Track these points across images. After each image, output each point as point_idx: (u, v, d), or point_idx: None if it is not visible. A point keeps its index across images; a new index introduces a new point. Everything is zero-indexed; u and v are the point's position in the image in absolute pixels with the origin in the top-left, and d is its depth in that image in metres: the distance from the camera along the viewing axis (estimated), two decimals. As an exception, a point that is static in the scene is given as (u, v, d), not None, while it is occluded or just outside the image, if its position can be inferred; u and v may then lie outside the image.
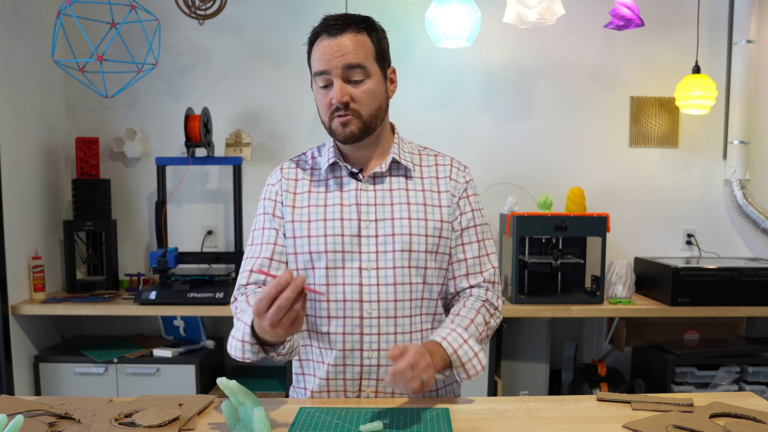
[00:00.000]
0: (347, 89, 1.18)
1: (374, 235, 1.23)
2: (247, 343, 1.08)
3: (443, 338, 1.16)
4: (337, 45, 1.17)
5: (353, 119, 1.20)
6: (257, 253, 1.26)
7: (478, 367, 1.18)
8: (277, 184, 1.30)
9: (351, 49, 1.17)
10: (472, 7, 2.41)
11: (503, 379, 2.61)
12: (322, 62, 1.18)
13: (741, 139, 2.74)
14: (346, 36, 1.18)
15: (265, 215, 1.29)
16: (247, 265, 1.27)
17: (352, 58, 1.17)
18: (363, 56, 1.19)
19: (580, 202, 2.57)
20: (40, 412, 1.09)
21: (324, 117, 1.24)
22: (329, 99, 1.20)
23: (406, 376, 1.03)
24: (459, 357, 1.16)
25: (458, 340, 1.17)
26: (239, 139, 2.76)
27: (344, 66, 1.17)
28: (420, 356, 1.06)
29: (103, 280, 2.69)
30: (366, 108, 1.20)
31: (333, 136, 1.25)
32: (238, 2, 2.75)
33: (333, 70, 1.18)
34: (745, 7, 2.70)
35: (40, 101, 2.59)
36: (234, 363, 2.87)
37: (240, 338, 1.09)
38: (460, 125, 2.83)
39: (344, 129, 1.20)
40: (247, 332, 1.08)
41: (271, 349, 1.11)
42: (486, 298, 1.29)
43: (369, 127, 1.22)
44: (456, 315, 1.23)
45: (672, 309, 2.43)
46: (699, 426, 1.02)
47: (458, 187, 1.30)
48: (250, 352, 1.09)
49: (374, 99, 1.22)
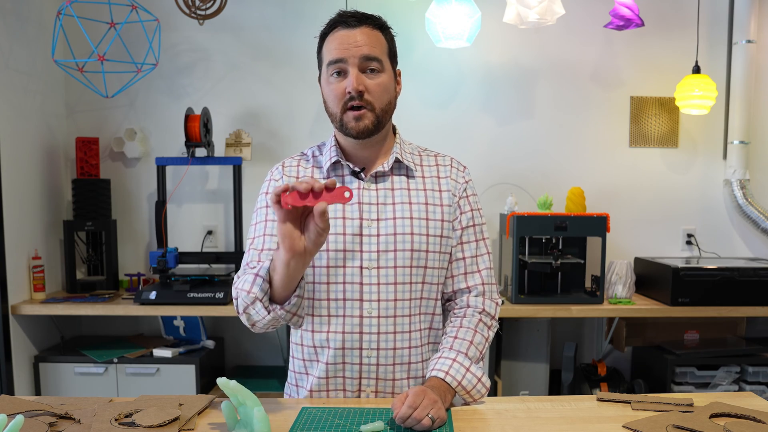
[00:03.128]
0: (363, 79, 1.18)
1: (376, 234, 1.22)
2: (260, 277, 1.07)
3: (446, 373, 1.17)
4: (354, 36, 1.18)
5: (367, 113, 1.19)
6: (260, 244, 1.24)
7: (483, 391, 1.20)
8: (280, 180, 1.30)
9: (368, 41, 1.18)
10: (472, 7, 2.41)
11: (503, 379, 2.61)
12: (338, 51, 1.18)
13: (741, 139, 2.74)
14: (364, 29, 1.19)
15: (268, 208, 1.27)
16: (252, 256, 1.24)
17: (368, 50, 1.18)
18: (379, 50, 1.20)
19: (580, 202, 2.57)
20: (40, 412, 1.09)
21: (335, 109, 1.21)
22: (342, 88, 1.18)
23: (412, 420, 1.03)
24: (464, 387, 1.17)
25: (461, 371, 1.18)
26: (239, 139, 2.76)
27: (361, 56, 1.17)
28: (421, 395, 1.06)
29: (103, 280, 2.69)
30: (379, 101, 1.20)
31: (343, 131, 1.22)
32: (238, 2, 2.75)
33: (350, 59, 1.17)
34: (745, 7, 2.70)
35: (40, 101, 2.59)
36: (234, 363, 2.87)
37: (254, 272, 1.09)
38: (460, 125, 2.83)
39: (357, 123, 1.19)
40: (265, 267, 1.08)
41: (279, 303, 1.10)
42: (482, 308, 1.28)
43: (381, 122, 1.22)
44: (454, 338, 1.23)
45: (672, 309, 2.43)
46: (699, 426, 1.02)
47: (458, 186, 1.31)
48: (259, 287, 1.07)
49: (387, 93, 1.22)
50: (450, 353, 1.20)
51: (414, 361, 1.25)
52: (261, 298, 1.08)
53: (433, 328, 1.29)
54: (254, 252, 1.24)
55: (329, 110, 1.23)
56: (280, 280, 1.06)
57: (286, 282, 1.06)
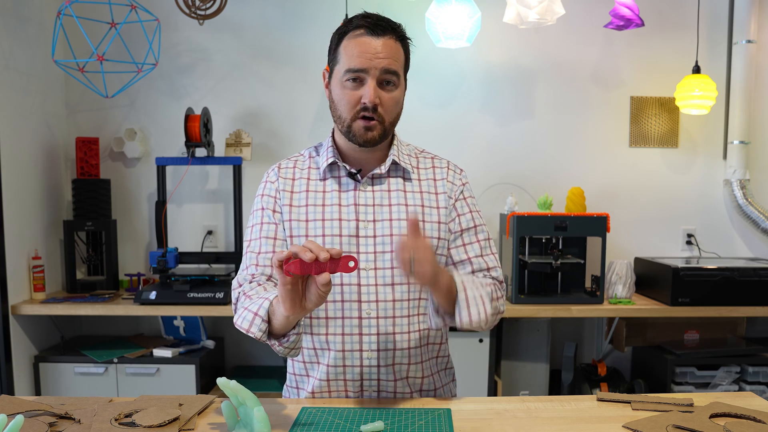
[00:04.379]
0: (379, 92, 1.17)
1: (372, 235, 1.22)
2: (259, 317, 1.07)
3: (458, 274, 1.16)
4: (380, 46, 1.16)
5: (377, 125, 1.19)
6: (258, 247, 1.24)
7: (483, 315, 1.13)
8: (276, 182, 1.29)
9: (390, 54, 1.17)
10: (472, 7, 2.41)
11: (503, 379, 2.61)
12: (360, 60, 1.16)
13: (741, 139, 2.74)
14: (387, 40, 1.17)
15: (264, 210, 1.27)
16: (250, 259, 1.25)
17: (389, 64, 1.17)
18: (398, 64, 1.19)
19: (580, 202, 2.57)
20: (40, 412, 1.09)
21: (346, 114, 1.19)
22: (358, 97, 1.17)
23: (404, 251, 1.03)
24: (467, 295, 1.13)
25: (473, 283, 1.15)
26: (239, 139, 2.76)
27: (382, 69, 1.16)
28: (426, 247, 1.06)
29: (103, 280, 2.69)
30: (389, 115, 1.20)
31: (349, 137, 1.21)
32: (238, 2, 2.75)
33: (371, 70, 1.16)
34: (745, 7, 2.70)
35: (40, 101, 2.59)
36: (234, 363, 2.87)
37: (254, 311, 1.08)
38: (460, 125, 2.83)
39: (366, 133, 1.19)
40: (264, 307, 1.07)
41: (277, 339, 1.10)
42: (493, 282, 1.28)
43: (387, 133, 1.22)
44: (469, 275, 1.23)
45: (672, 309, 2.43)
46: (699, 426, 1.02)
47: (455, 189, 1.30)
48: (257, 327, 1.07)
49: (397, 107, 1.22)
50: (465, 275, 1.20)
51: (414, 362, 1.25)
52: (259, 337, 1.08)
53: (433, 329, 1.29)
54: (252, 255, 1.25)
55: (338, 113, 1.22)
56: (279, 325, 1.06)
57: (284, 326, 1.07)
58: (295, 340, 1.10)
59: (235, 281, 1.26)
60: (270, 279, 1.23)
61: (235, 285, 1.25)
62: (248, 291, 1.19)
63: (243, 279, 1.24)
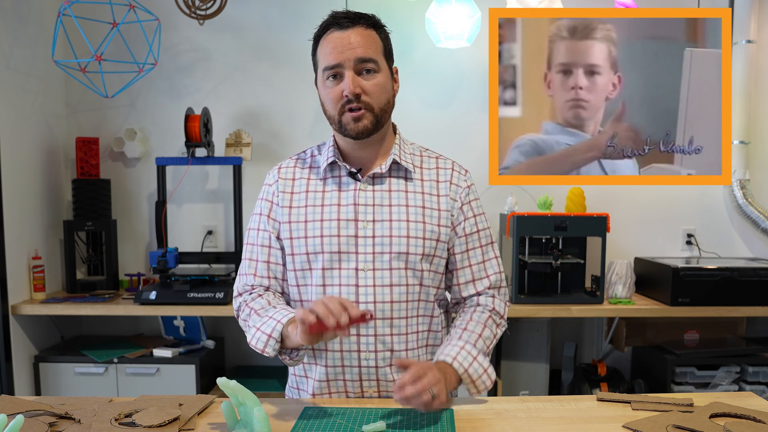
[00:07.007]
0: (359, 81, 1.17)
1: (371, 236, 1.22)
2: (273, 339, 1.12)
3: (453, 358, 1.17)
4: (348, 37, 1.17)
5: (366, 113, 1.18)
6: (255, 254, 1.28)
7: (488, 383, 1.20)
8: (274, 185, 1.30)
9: (362, 42, 1.17)
10: (472, 7, 2.41)
11: (503, 379, 2.61)
12: (333, 55, 1.17)
13: (741, 139, 2.74)
14: (357, 29, 1.18)
15: (260, 216, 1.30)
16: (248, 267, 1.28)
17: (363, 52, 1.17)
18: (374, 50, 1.19)
19: (580, 202, 2.57)
20: (40, 412, 1.09)
21: (333, 111, 1.20)
22: (339, 91, 1.18)
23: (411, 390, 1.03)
24: (470, 375, 1.17)
25: (468, 358, 1.18)
26: (239, 139, 2.76)
27: (356, 59, 1.16)
28: (427, 369, 1.07)
29: (103, 280, 2.69)
30: (377, 101, 1.19)
31: (343, 132, 1.22)
32: (238, 2, 2.75)
33: (345, 62, 1.16)
34: (745, 7, 2.70)
35: (40, 101, 2.59)
36: (234, 363, 2.87)
37: (268, 333, 1.13)
38: (460, 125, 2.83)
39: (357, 124, 1.18)
40: (278, 330, 1.12)
41: (286, 352, 1.16)
42: (492, 307, 1.28)
43: (380, 122, 1.21)
44: (464, 330, 1.23)
45: (672, 309, 2.43)
46: (699, 426, 1.03)
47: (459, 191, 1.29)
48: (272, 347, 1.13)
49: (384, 93, 1.21)
50: (458, 342, 1.20)
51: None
52: (272, 355, 1.15)
53: (432, 330, 1.29)
54: (251, 264, 1.28)
55: (327, 113, 1.23)
56: (291, 345, 1.14)
57: (295, 346, 1.13)
58: (303, 354, 1.17)
59: (236, 288, 1.30)
60: (268, 290, 1.27)
61: (236, 293, 1.29)
62: (252, 304, 1.23)
63: (242, 288, 1.28)
